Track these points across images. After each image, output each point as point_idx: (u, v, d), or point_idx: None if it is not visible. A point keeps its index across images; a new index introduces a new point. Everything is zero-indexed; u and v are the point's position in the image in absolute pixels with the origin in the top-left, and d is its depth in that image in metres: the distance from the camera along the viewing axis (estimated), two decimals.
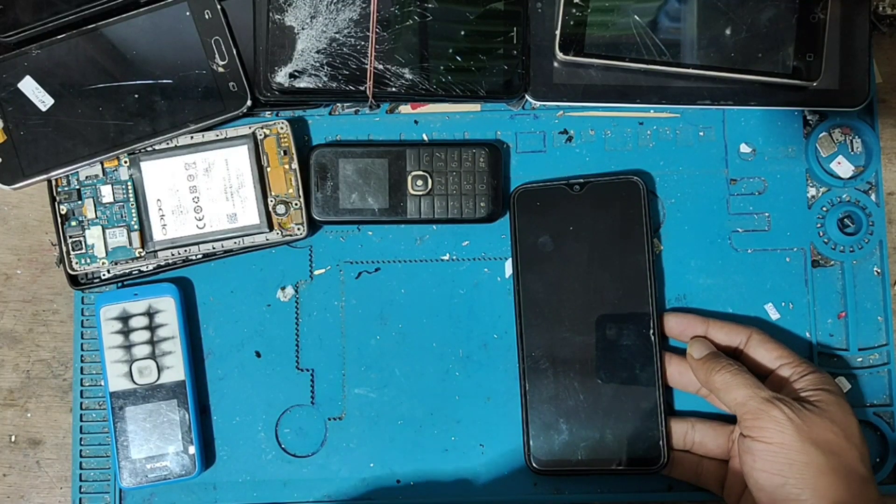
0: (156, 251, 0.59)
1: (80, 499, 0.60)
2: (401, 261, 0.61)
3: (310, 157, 0.59)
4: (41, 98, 0.58)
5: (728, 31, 0.58)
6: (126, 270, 0.60)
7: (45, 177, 0.58)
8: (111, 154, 0.59)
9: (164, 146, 0.59)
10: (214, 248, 0.59)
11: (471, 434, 0.60)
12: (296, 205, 0.59)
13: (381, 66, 0.58)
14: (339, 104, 0.62)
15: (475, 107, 0.62)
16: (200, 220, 0.59)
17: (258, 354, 0.61)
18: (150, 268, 0.60)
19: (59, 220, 0.59)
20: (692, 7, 0.58)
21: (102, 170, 0.59)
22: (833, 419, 0.52)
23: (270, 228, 0.59)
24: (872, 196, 0.61)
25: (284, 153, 0.59)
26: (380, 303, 0.61)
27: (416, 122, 0.62)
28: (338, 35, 0.58)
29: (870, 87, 0.60)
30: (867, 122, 0.61)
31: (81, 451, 0.60)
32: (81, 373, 0.61)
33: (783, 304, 0.60)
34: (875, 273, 0.60)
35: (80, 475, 0.60)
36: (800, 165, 0.61)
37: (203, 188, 0.59)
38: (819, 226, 0.61)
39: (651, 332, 0.57)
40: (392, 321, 0.61)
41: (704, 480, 0.57)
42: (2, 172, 0.58)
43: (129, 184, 0.59)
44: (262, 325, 0.61)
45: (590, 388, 0.57)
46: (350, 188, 0.59)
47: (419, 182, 0.59)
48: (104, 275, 0.60)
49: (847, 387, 0.59)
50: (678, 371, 0.58)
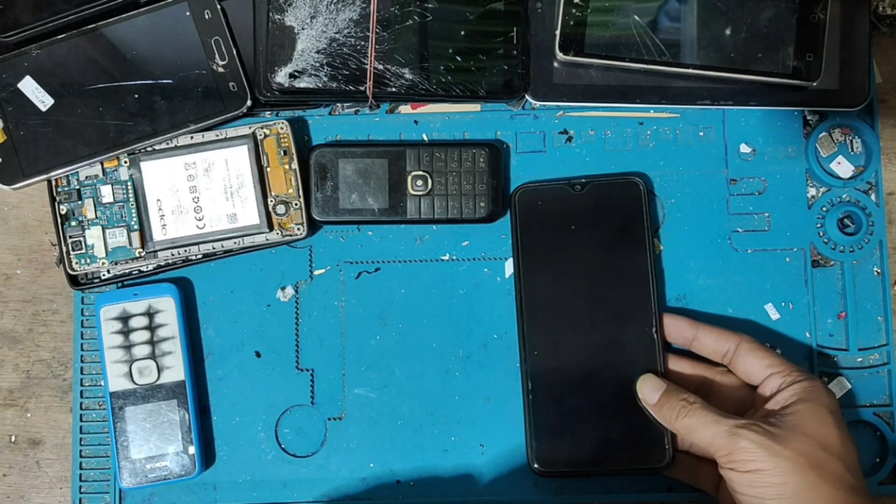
0: (156, 251, 0.59)
1: (80, 499, 0.60)
2: (401, 261, 0.61)
3: (310, 157, 0.59)
4: (41, 98, 0.58)
5: (728, 31, 0.58)
6: (126, 270, 0.60)
7: (45, 177, 0.58)
8: (111, 154, 0.58)
9: (164, 146, 0.59)
10: (214, 248, 0.59)
11: (471, 434, 0.60)
12: (296, 205, 0.59)
13: (381, 66, 0.58)
14: (339, 104, 0.62)
15: (475, 107, 0.62)
16: (200, 221, 0.59)
17: (258, 354, 0.61)
18: (150, 268, 0.60)
19: (59, 220, 0.59)
20: (692, 7, 0.58)
21: (102, 170, 0.59)
22: (807, 432, 0.51)
23: (270, 228, 0.59)
24: (872, 196, 0.61)
25: (284, 153, 0.59)
26: (380, 303, 0.61)
27: (416, 122, 0.62)
28: (338, 35, 0.58)
29: (870, 87, 0.60)
30: (867, 122, 0.61)
31: (81, 452, 0.60)
32: (81, 373, 0.61)
33: (783, 305, 0.60)
34: (875, 273, 0.60)
35: (80, 475, 0.60)
36: (800, 165, 0.61)
37: (203, 188, 0.59)
38: (819, 226, 0.61)
39: (653, 331, 0.57)
40: (392, 321, 0.61)
41: (701, 482, 0.57)
42: (2, 172, 0.58)
43: (129, 184, 0.59)
44: (262, 325, 0.61)
45: (593, 388, 0.57)
46: (350, 188, 0.59)
47: (419, 182, 0.59)
48: (104, 275, 0.60)
49: (847, 387, 0.59)
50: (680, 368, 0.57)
